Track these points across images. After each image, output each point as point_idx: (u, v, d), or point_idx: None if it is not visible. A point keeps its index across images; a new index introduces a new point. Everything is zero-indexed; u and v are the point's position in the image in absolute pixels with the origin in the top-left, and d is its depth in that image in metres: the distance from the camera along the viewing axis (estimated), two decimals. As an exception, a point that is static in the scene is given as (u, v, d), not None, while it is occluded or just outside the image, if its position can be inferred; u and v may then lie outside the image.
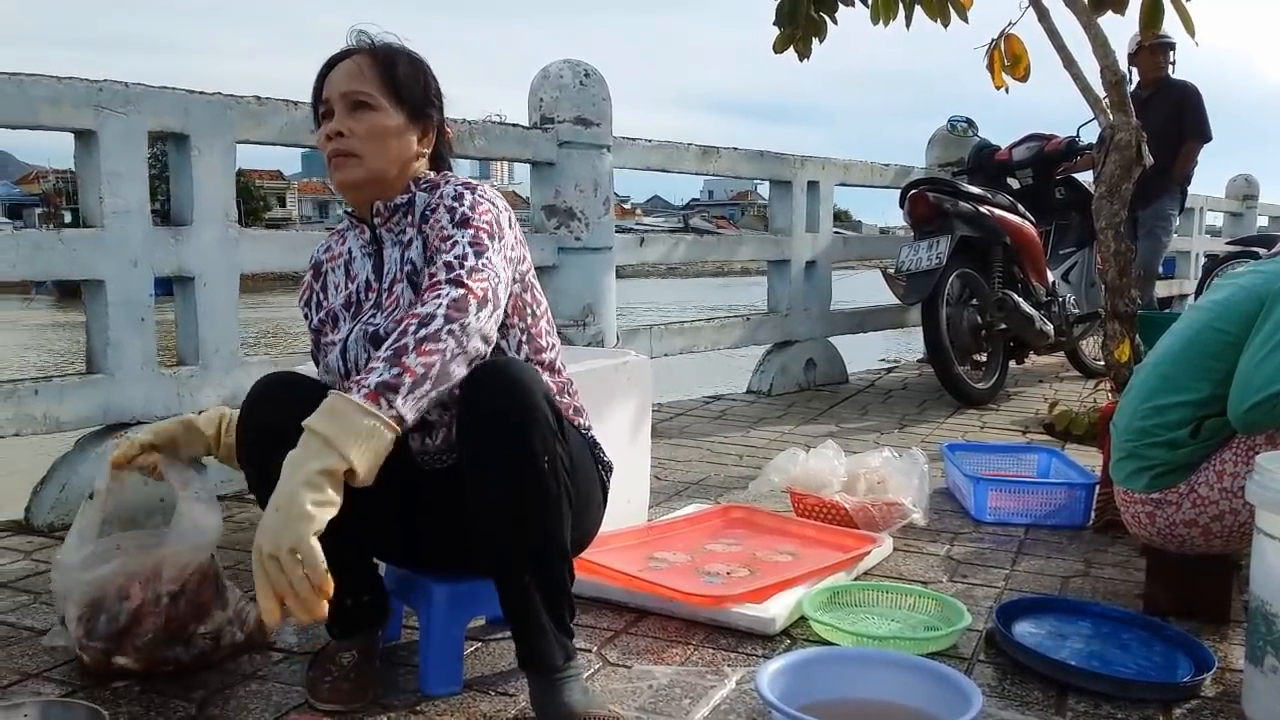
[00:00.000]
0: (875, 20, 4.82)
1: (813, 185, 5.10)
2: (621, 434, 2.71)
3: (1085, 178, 5.82)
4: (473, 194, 1.69)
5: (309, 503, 1.33)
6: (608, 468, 1.87)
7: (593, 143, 3.88)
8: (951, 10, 4.59)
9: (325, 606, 1.34)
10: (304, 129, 3.16)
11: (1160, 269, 5.98)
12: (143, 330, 2.85)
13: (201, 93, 2.94)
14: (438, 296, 1.50)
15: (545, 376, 1.73)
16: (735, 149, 4.70)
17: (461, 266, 1.55)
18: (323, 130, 1.71)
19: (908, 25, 4.70)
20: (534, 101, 3.91)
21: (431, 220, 1.67)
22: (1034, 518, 2.96)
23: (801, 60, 4.79)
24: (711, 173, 4.65)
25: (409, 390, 1.40)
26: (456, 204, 1.66)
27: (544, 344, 1.79)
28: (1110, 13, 4.26)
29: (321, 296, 1.85)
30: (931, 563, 2.59)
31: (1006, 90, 4.87)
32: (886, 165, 5.73)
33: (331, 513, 1.35)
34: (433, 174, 1.78)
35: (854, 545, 2.52)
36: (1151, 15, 4.09)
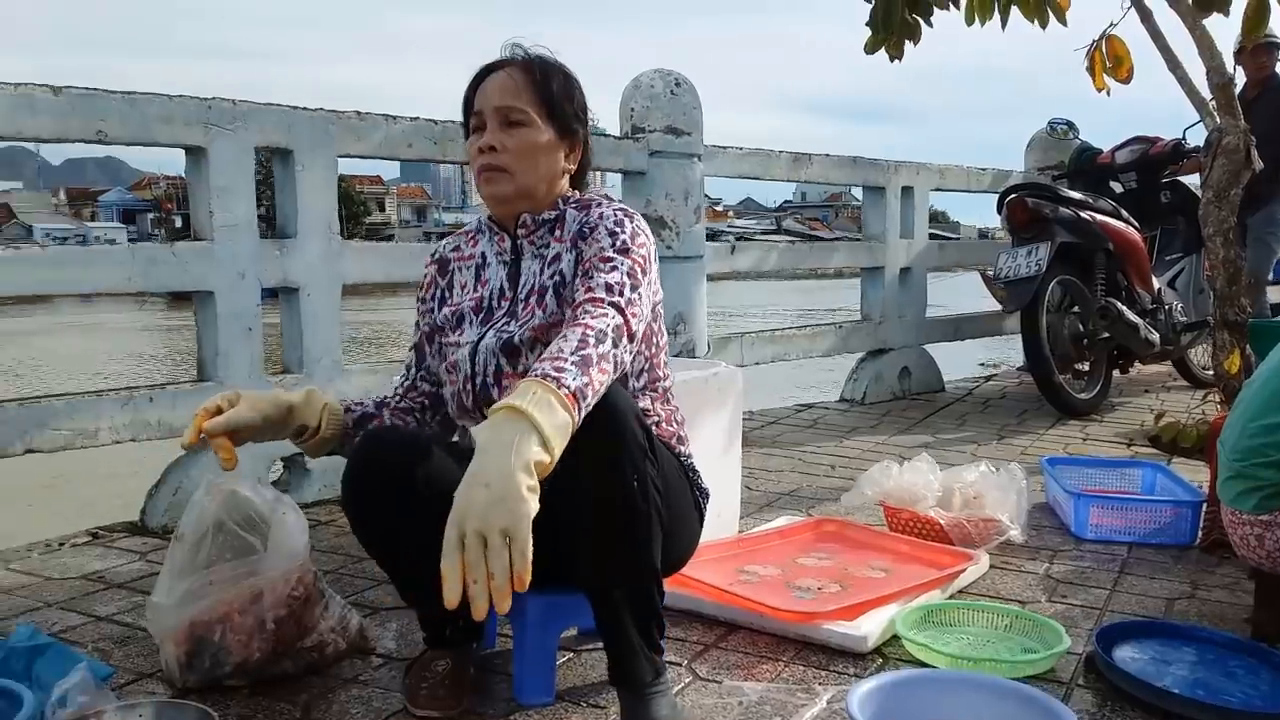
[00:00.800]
0: (970, 21, 4.74)
1: (907, 191, 5.03)
2: (713, 445, 2.72)
3: (1192, 181, 5.64)
4: (632, 223, 1.74)
5: (525, 487, 1.29)
6: (704, 493, 1.89)
7: (683, 152, 3.89)
8: (1049, 12, 4.50)
9: (510, 600, 1.27)
10: (402, 142, 3.24)
11: (1271, 276, 5.74)
12: (250, 339, 2.94)
13: (305, 109, 3.03)
14: (605, 315, 1.56)
15: (658, 404, 1.83)
16: (827, 155, 4.66)
17: (621, 294, 1.61)
18: (474, 142, 1.76)
19: (1003, 26, 4.61)
20: (625, 111, 3.94)
21: (590, 239, 1.72)
22: (1138, 536, 2.87)
23: (893, 61, 4.74)
24: (803, 179, 4.62)
25: (589, 400, 1.45)
26: (619, 230, 1.71)
27: (661, 374, 1.85)
28: (1215, 13, 4.12)
29: (447, 294, 1.90)
30: (1029, 581, 2.53)
31: (1108, 93, 4.74)
32: (984, 170, 5.63)
33: (536, 505, 1.31)
34: (578, 193, 1.85)
35: (949, 562, 2.48)
36: (1257, 16, 3.96)
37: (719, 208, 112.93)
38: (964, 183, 5.52)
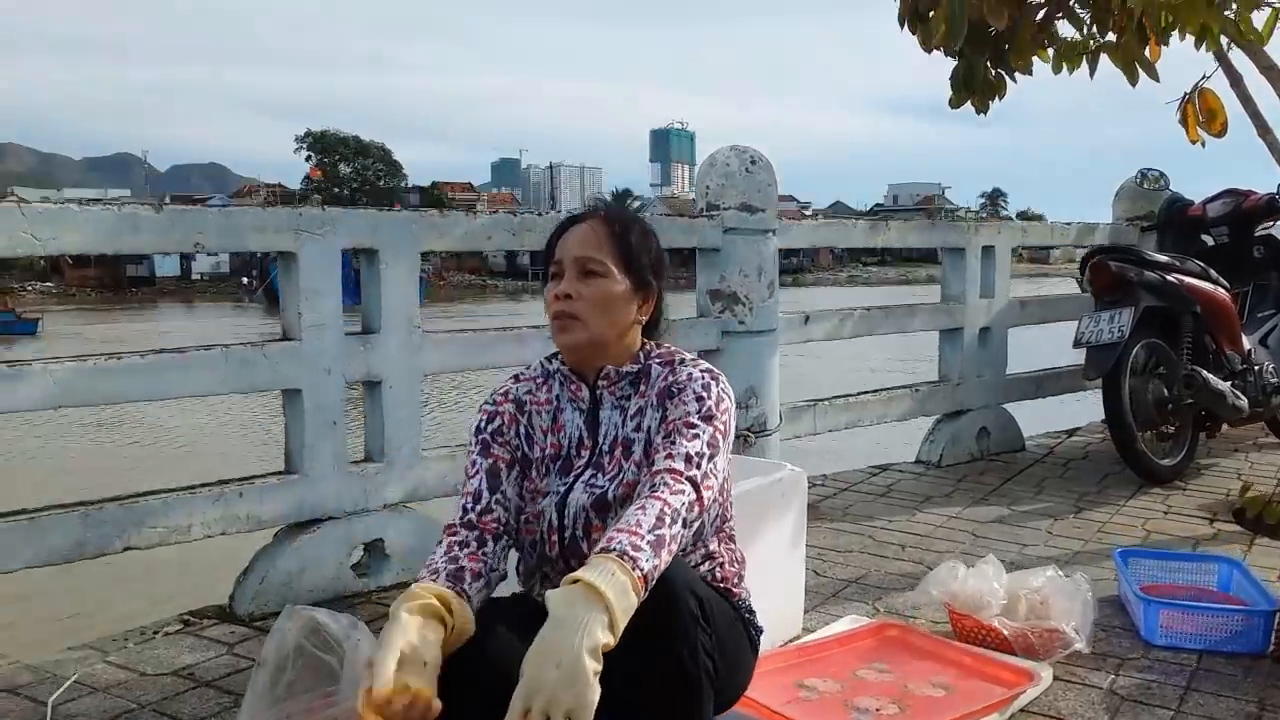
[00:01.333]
0: (1057, 70, 4.71)
1: (988, 250, 5.00)
2: (776, 550, 2.77)
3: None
4: (718, 387, 1.84)
5: (591, 672, 1.39)
6: (758, 630, 1.97)
7: (757, 228, 3.94)
8: (1139, 69, 4.44)
9: None
10: (482, 235, 3.36)
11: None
12: (334, 433, 3.08)
13: (390, 211, 3.17)
14: (681, 491, 1.67)
15: (723, 546, 1.94)
16: (904, 220, 4.69)
17: (699, 466, 1.72)
18: (551, 289, 1.86)
19: (1091, 74, 4.57)
20: (700, 188, 4.00)
21: (677, 399, 1.82)
22: (1208, 643, 2.84)
23: (979, 114, 4.73)
24: (880, 244, 4.63)
25: (654, 581, 1.56)
26: (705, 394, 1.82)
27: (729, 514, 1.95)
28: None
29: (527, 437, 1.93)
30: (1092, 698, 2.53)
31: (1202, 144, 4.66)
32: (1068, 224, 5.55)
33: (599, 690, 1.41)
34: (658, 345, 1.94)
35: (1011, 681, 2.50)
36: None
37: (807, 212, 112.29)
38: (1047, 238, 5.47)
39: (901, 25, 4.69)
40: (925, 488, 4.62)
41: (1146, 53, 4.53)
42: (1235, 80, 4.35)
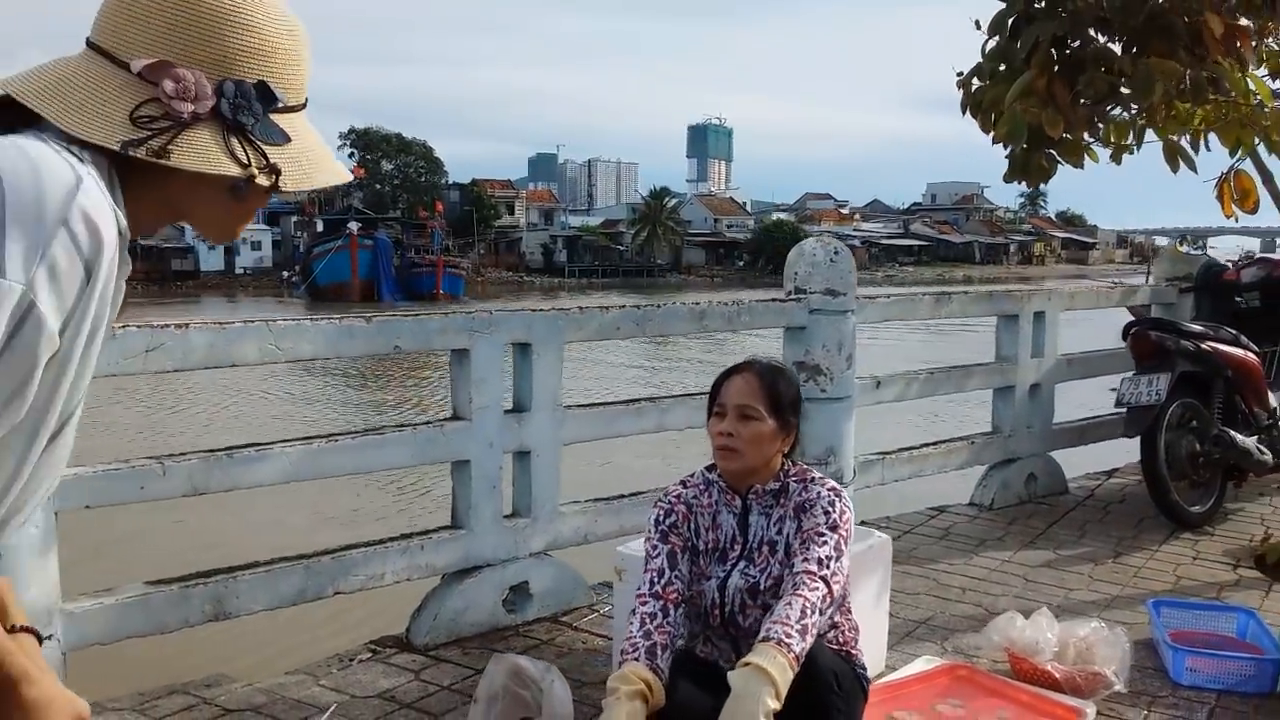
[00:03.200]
0: (1115, 159, 5.28)
1: (1039, 315, 5.56)
2: (867, 602, 3.37)
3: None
4: (840, 501, 2.48)
5: None
6: (868, 681, 2.58)
7: (839, 309, 4.53)
8: (1180, 160, 4.98)
9: None
10: (612, 326, 3.98)
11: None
12: (493, 495, 3.72)
13: (542, 311, 3.80)
14: (817, 589, 2.29)
15: (844, 618, 2.57)
16: (965, 293, 5.27)
17: (828, 567, 2.34)
18: (716, 425, 2.51)
19: (1137, 149, 5.13)
20: (789, 274, 4.60)
21: (810, 512, 2.46)
22: (1226, 684, 3.41)
23: (1030, 188, 5.31)
24: (944, 316, 5.22)
25: (803, 659, 2.18)
26: (830, 509, 2.45)
27: (846, 592, 2.54)
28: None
29: (694, 531, 2.57)
30: (1128, 733, 3.12)
31: (1236, 219, 5.21)
32: (1112, 287, 6.11)
33: None
34: (793, 464, 2.57)
35: (1064, 717, 3.09)
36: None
37: (844, 210, 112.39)
38: (1093, 303, 6.02)
39: (963, 112, 5.29)
40: (979, 530, 5.20)
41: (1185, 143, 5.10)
42: (1267, 178, 4.91)
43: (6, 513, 1.12)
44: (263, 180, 1.14)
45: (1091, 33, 4.83)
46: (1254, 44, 4.46)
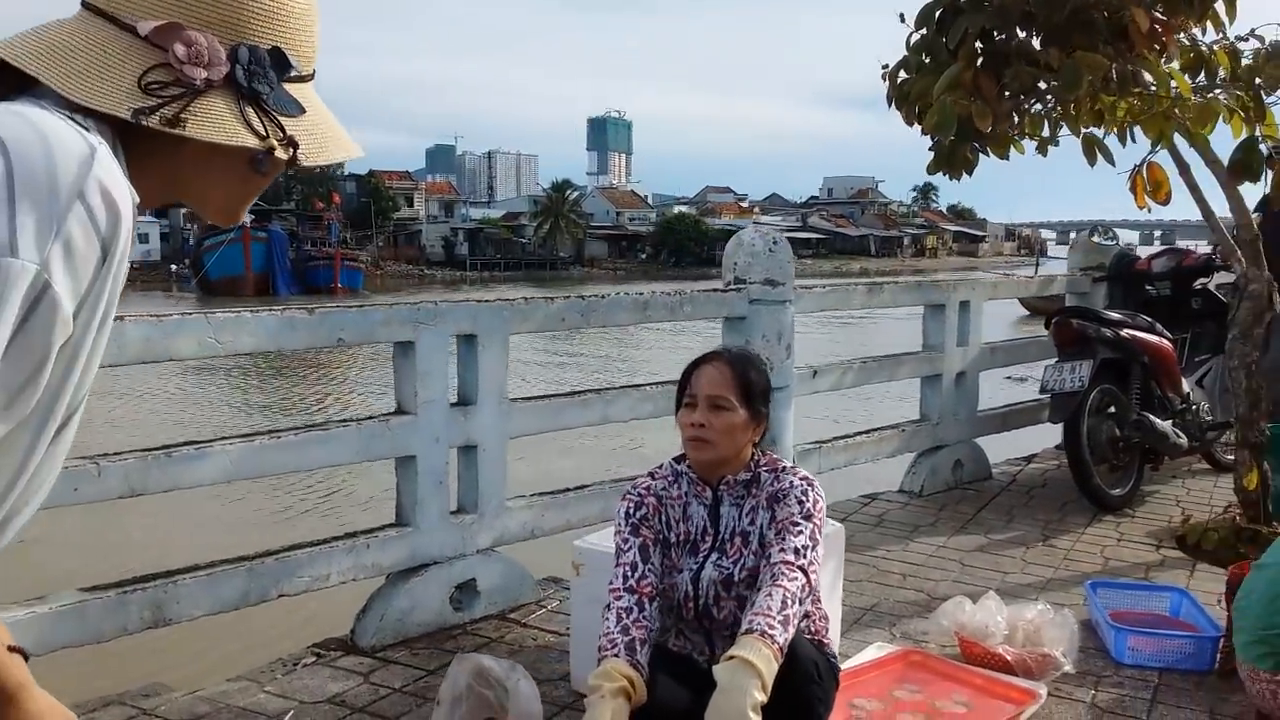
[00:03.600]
0: (1040, 151, 5.37)
1: (964, 304, 5.65)
2: (823, 592, 3.36)
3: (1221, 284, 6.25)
4: (813, 491, 2.46)
5: None
6: (838, 668, 2.57)
7: (778, 299, 4.53)
8: (1098, 153, 5.11)
9: None
10: (558, 318, 3.91)
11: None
12: (440, 491, 3.62)
13: (487, 302, 3.71)
14: (796, 579, 2.26)
15: (815, 606, 2.54)
16: (895, 282, 5.33)
17: (804, 556, 2.32)
18: (687, 416, 2.46)
19: (1054, 144, 5.24)
20: (729, 264, 4.59)
21: (784, 502, 2.42)
22: (1167, 662, 3.51)
23: (953, 180, 5.38)
24: (877, 305, 5.27)
25: (786, 648, 2.16)
26: (804, 498, 2.42)
27: (818, 584, 2.51)
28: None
29: (665, 524, 2.53)
30: (1079, 712, 3.18)
31: (1149, 210, 5.38)
32: (1030, 278, 6.25)
33: None
34: (763, 456, 2.53)
35: (1019, 699, 3.13)
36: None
37: (744, 203, 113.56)
38: (1014, 292, 6.16)
39: (889, 105, 5.33)
40: (912, 517, 5.27)
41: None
42: (1184, 169, 5.05)
43: (9, 511, 1.04)
44: (281, 154, 1.06)
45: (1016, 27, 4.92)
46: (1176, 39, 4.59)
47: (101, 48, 1.01)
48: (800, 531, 2.37)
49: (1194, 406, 5.76)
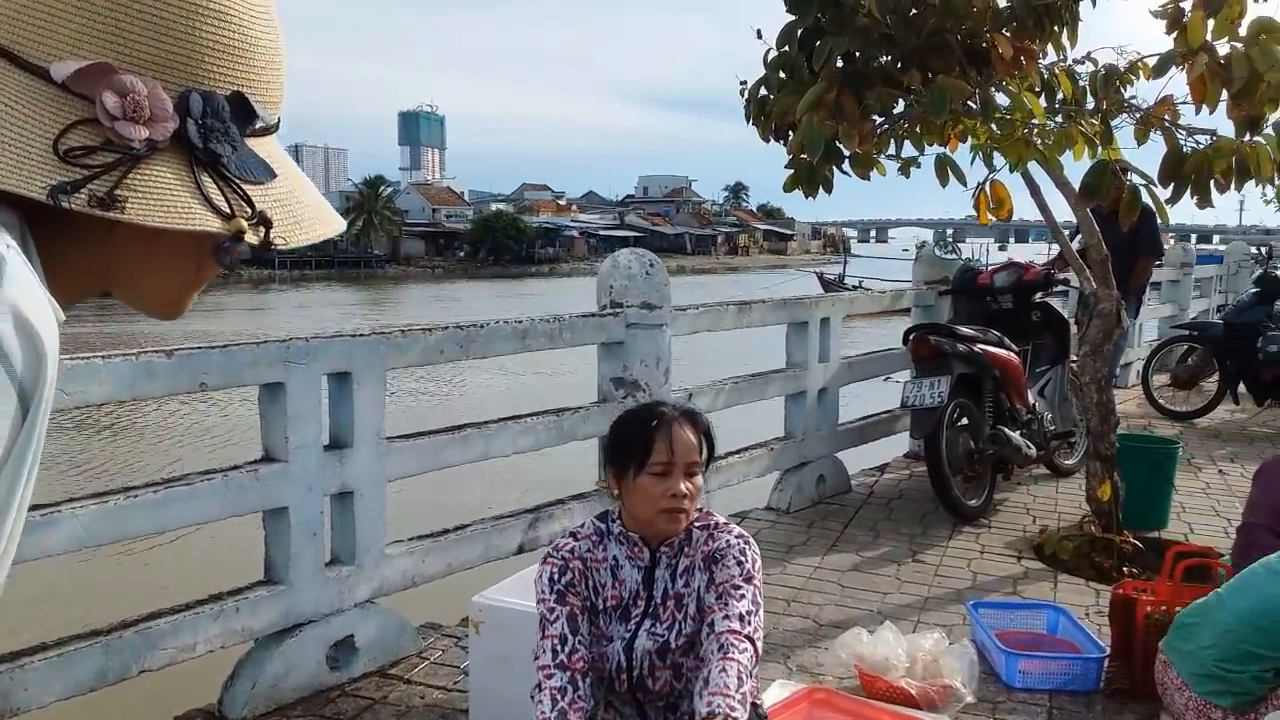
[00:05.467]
0: (903, 172, 5.42)
1: (824, 321, 5.69)
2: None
3: (1062, 295, 6.54)
4: (751, 549, 2.32)
5: None
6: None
7: (655, 323, 4.42)
8: (950, 173, 5.21)
9: None
10: (436, 350, 3.67)
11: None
12: (315, 543, 3.33)
13: (362, 335, 3.43)
14: (746, 649, 2.14)
15: (752, 653, 2.29)
16: (763, 302, 5.31)
17: (749, 623, 2.19)
18: (660, 486, 2.25)
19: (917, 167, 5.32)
20: (604, 286, 4.44)
21: (722, 563, 2.27)
22: (1055, 684, 3.57)
23: (808, 199, 5.40)
24: (747, 324, 5.23)
25: None
26: (743, 558, 2.28)
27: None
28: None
29: (594, 589, 2.35)
30: (984, 743, 3.19)
31: (987, 224, 5.55)
32: (884, 293, 6.36)
33: None
34: (696, 511, 2.37)
35: (927, 736, 3.12)
36: (1130, 205, 4.74)
37: (562, 201, 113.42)
38: (869, 306, 6.25)
39: (748, 121, 5.31)
40: (784, 536, 5.25)
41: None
42: (1035, 190, 5.22)
43: None
44: (252, 237, 0.80)
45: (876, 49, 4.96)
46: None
47: (1, 101, 0.74)
48: (743, 596, 2.25)
49: (1039, 417, 5.98)
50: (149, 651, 2.94)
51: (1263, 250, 12.81)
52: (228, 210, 0.78)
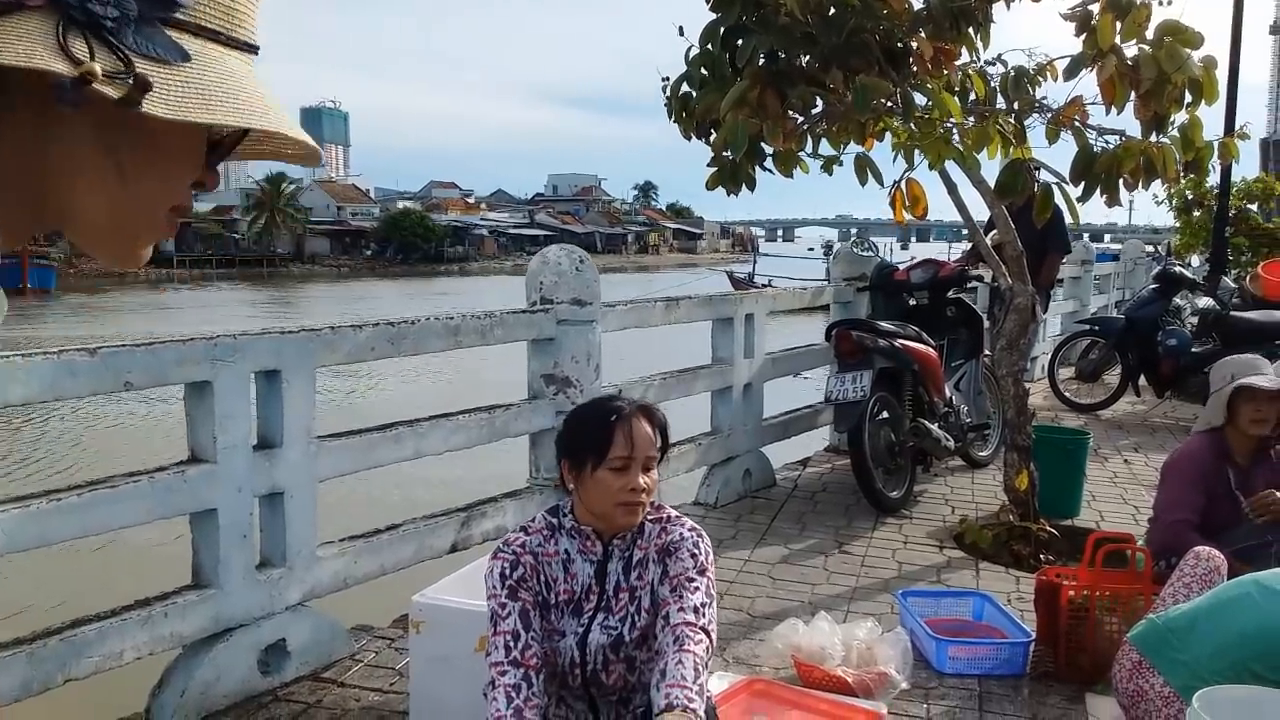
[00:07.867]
0: (825, 170, 5.48)
1: (749, 317, 5.74)
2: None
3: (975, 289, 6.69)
4: (704, 542, 2.34)
5: None
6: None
7: (586, 319, 4.41)
8: (869, 173, 5.31)
9: None
10: (367, 348, 3.60)
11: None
12: (245, 546, 3.25)
13: (291, 332, 3.35)
14: (701, 642, 2.15)
15: (708, 645, 2.30)
16: (690, 298, 5.35)
17: (704, 615, 2.20)
18: (620, 480, 2.24)
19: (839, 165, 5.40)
20: (534, 283, 4.41)
21: (675, 556, 2.29)
22: (984, 669, 3.66)
23: (730, 196, 5.44)
24: (673, 321, 5.25)
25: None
26: (696, 551, 2.30)
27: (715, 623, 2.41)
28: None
29: (545, 584, 2.34)
30: (919, 728, 3.25)
31: (903, 224, 5.66)
32: (804, 289, 6.44)
33: None
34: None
35: (864, 721, 3.17)
36: (1043, 203, 4.87)
37: (470, 199, 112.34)
38: (793, 303, 6.33)
39: (670, 118, 5.33)
40: (712, 530, 5.24)
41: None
42: (951, 189, 5.34)
43: None
44: (110, 90, 0.68)
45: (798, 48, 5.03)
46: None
47: None
48: (697, 588, 2.26)
49: (956, 410, 6.12)
50: (75, 660, 2.83)
51: (1158, 249, 13.32)
52: (82, 59, 0.68)
